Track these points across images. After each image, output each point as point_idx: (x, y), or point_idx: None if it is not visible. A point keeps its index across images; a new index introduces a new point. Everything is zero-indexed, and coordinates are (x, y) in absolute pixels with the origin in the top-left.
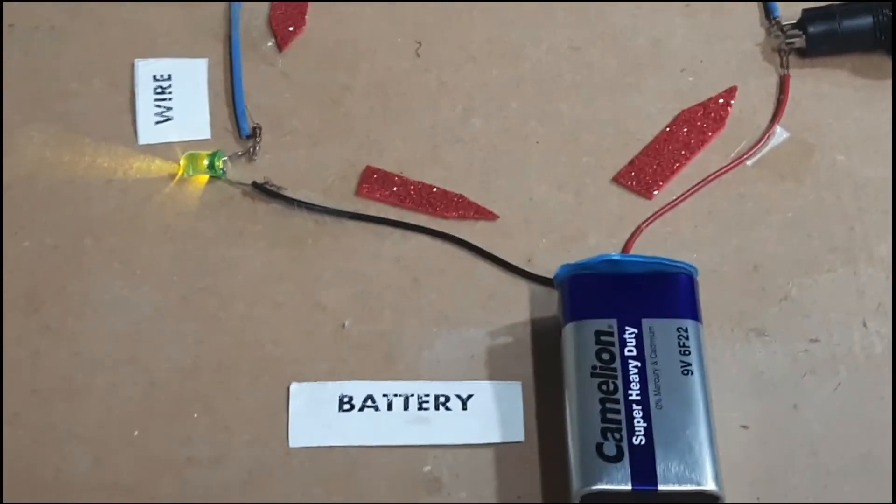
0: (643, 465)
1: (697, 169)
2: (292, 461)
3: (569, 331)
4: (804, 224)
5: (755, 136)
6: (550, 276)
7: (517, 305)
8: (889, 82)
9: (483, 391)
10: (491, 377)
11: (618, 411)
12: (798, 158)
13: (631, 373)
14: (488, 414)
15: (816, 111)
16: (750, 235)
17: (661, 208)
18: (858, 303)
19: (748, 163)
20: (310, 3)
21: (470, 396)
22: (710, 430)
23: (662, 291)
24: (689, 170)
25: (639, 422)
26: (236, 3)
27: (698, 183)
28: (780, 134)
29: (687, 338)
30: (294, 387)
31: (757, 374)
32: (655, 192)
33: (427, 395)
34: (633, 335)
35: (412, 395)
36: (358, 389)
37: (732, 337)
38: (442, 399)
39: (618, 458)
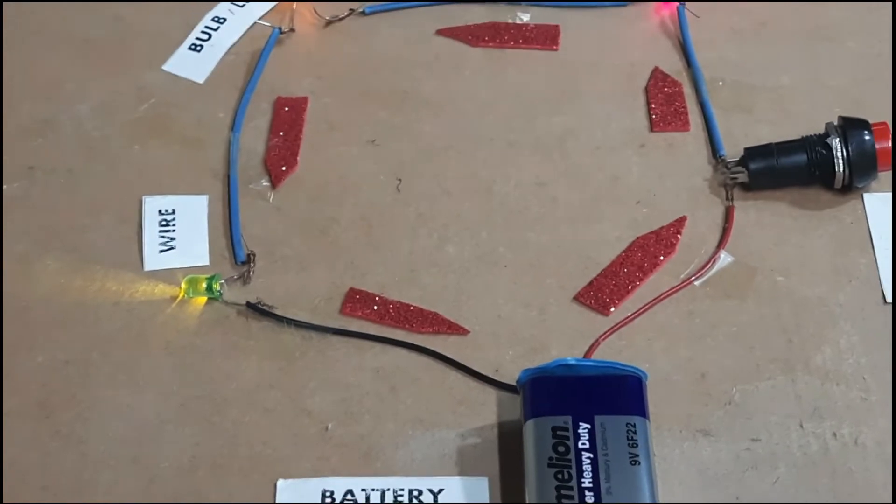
0: None
1: (651, 288)
2: None
3: (529, 427)
4: (747, 337)
5: (703, 260)
6: (516, 385)
7: (485, 410)
8: (823, 212)
9: (453, 486)
10: (461, 473)
11: (572, 497)
12: (742, 279)
13: (584, 463)
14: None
15: (759, 238)
16: (698, 347)
17: (618, 323)
18: (796, 406)
19: (696, 283)
20: (301, 145)
21: (441, 490)
22: None
23: (613, 391)
24: (643, 289)
25: None
26: (235, 145)
27: (651, 301)
28: (725, 258)
29: (635, 432)
30: (281, 483)
31: (703, 470)
32: (612, 310)
33: (402, 490)
34: (586, 430)
35: (388, 489)
36: (339, 485)
37: (681, 437)
38: (416, 493)
39: None
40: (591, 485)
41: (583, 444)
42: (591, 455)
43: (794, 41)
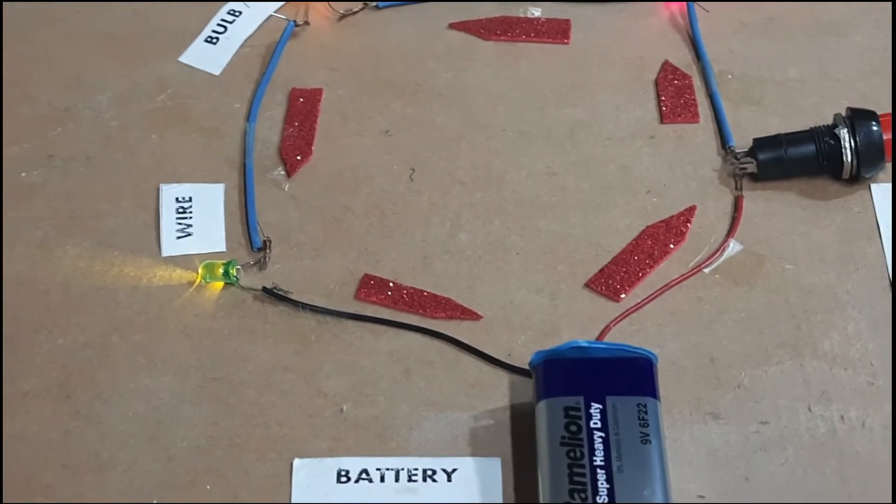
0: None
1: (661, 276)
2: None
3: (541, 407)
4: (756, 323)
5: (712, 248)
6: (528, 368)
7: (498, 393)
8: (831, 202)
9: (466, 466)
10: (473, 454)
11: (583, 475)
12: (750, 267)
13: (596, 442)
14: (470, 485)
15: (767, 227)
16: (707, 333)
17: (628, 309)
18: (804, 391)
19: (706, 271)
20: (316, 136)
21: (454, 470)
22: (665, 491)
23: (624, 373)
24: (653, 277)
25: (602, 483)
26: (251, 135)
27: (661, 288)
28: (734, 246)
29: (646, 412)
30: (297, 462)
31: (713, 452)
32: (623, 296)
33: (416, 469)
34: (598, 410)
35: (402, 469)
36: (354, 464)
37: (691, 420)
38: (429, 472)
39: None
40: (602, 463)
41: (595, 423)
42: (603, 434)
43: (802, 35)
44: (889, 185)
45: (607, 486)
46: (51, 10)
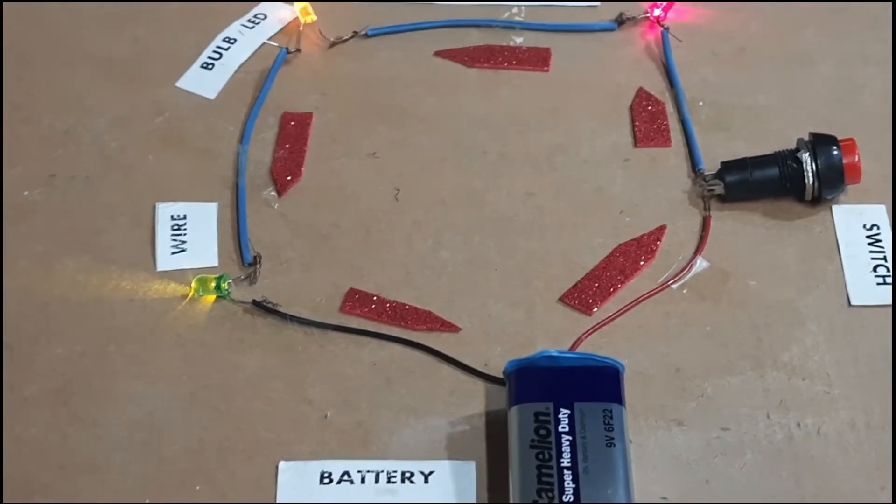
0: None
1: (631, 291)
2: None
3: (513, 412)
4: (720, 336)
5: (680, 265)
6: (503, 377)
7: (474, 400)
8: (794, 223)
9: (442, 468)
10: (450, 458)
11: (551, 475)
12: (716, 283)
13: (563, 445)
14: (446, 487)
15: (733, 245)
16: (674, 345)
17: (600, 322)
18: (763, 399)
19: (674, 286)
20: (306, 157)
21: (431, 472)
22: (627, 491)
23: (592, 380)
24: (624, 292)
25: (568, 484)
26: (244, 156)
27: (631, 302)
28: (701, 263)
29: (612, 417)
30: (282, 464)
31: (676, 456)
32: (595, 310)
33: (395, 471)
34: (566, 415)
35: (382, 471)
36: (336, 467)
37: (656, 426)
38: (407, 474)
39: None
40: (569, 464)
41: (563, 427)
42: (570, 437)
43: (771, 65)
44: (850, 207)
45: (573, 486)
46: (53, 36)
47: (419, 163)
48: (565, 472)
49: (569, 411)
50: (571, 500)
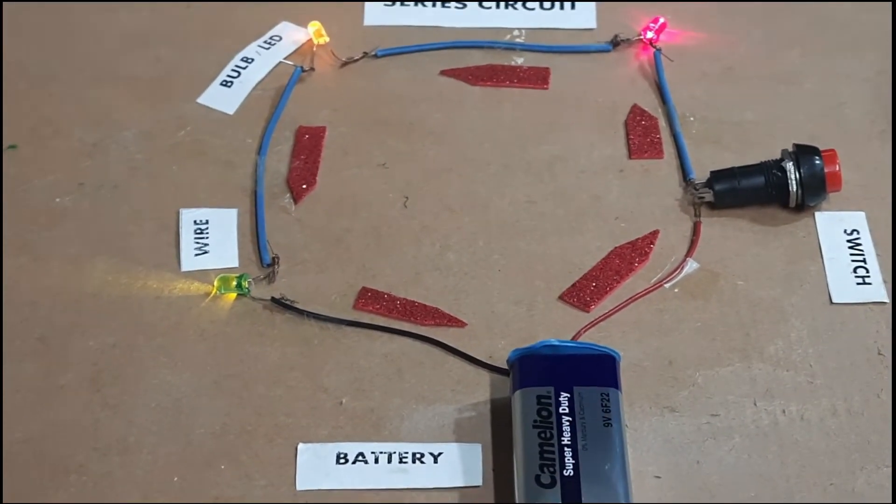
0: (571, 489)
1: (627, 290)
2: (299, 501)
3: (517, 396)
4: (710, 331)
5: (673, 267)
6: (506, 368)
7: (479, 389)
8: (779, 228)
9: (450, 450)
10: (457, 440)
11: (552, 452)
12: (706, 283)
13: (564, 425)
14: (454, 466)
15: (722, 249)
16: (666, 339)
17: (597, 318)
18: (751, 388)
19: (666, 286)
20: (319, 168)
21: (440, 454)
22: (623, 466)
23: (590, 367)
24: (620, 291)
25: (568, 460)
26: (261, 167)
27: (627, 300)
28: (692, 265)
29: (608, 400)
30: (301, 446)
31: (669, 440)
32: (593, 307)
33: (406, 453)
34: (566, 398)
35: (394, 452)
36: (351, 448)
37: (650, 412)
38: (418, 455)
39: (552, 485)
40: (569, 442)
41: (563, 409)
42: (570, 418)
43: (757, 83)
44: (832, 213)
45: (573, 461)
46: (82, 56)
47: (426, 173)
48: (565, 449)
49: (568, 395)
50: (571, 474)
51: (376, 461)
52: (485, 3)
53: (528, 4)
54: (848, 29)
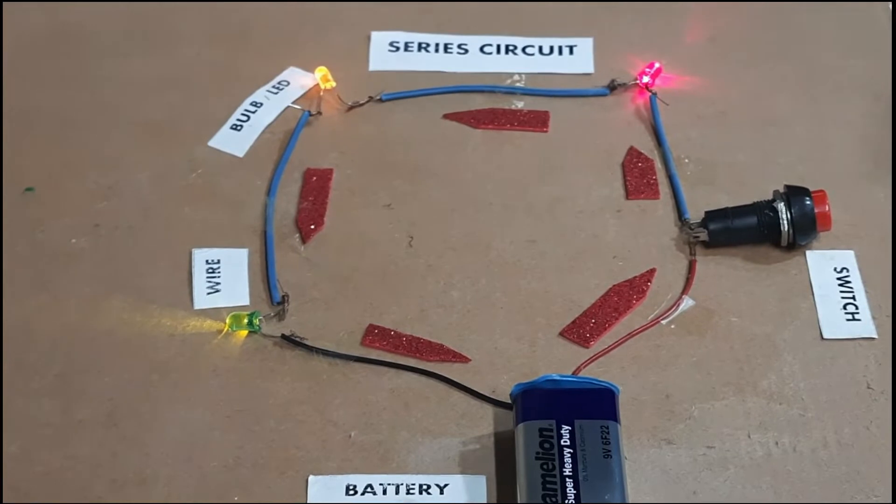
0: None
1: (625, 326)
2: None
3: (520, 429)
4: (705, 365)
5: (669, 304)
6: (509, 402)
7: (483, 422)
8: (772, 266)
9: (456, 482)
10: (462, 472)
11: (554, 483)
12: (701, 320)
13: (565, 456)
14: (459, 496)
15: (716, 286)
16: (663, 373)
17: (596, 354)
18: (745, 421)
19: (663, 322)
20: (327, 208)
21: (446, 485)
22: (623, 496)
23: (591, 401)
24: (618, 327)
25: (570, 490)
26: (271, 207)
27: (625, 336)
28: (687, 302)
29: (608, 433)
30: (311, 478)
31: (666, 471)
32: (592, 343)
33: (413, 484)
34: (567, 431)
35: (401, 484)
36: (360, 480)
37: (648, 444)
38: (425, 487)
39: None
40: (570, 473)
41: (565, 441)
42: (571, 450)
43: (749, 126)
44: (822, 252)
45: (574, 491)
46: (97, 102)
47: (431, 213)
48: (567, 479)
49: (570, 427)
50: (573, 502)
51: (384, 492)
52: (486, 49)
53: (528, 50)
54: (835, 75)
